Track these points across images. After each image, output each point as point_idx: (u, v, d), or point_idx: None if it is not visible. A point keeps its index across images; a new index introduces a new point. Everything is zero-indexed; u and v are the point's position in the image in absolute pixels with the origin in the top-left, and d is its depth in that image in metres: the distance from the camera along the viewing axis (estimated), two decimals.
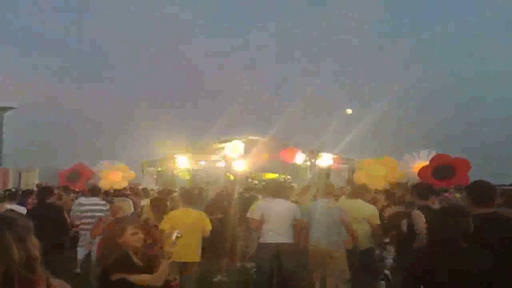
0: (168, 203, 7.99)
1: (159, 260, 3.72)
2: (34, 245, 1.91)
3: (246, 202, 9.37)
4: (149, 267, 3.64)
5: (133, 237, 3.60)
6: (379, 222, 7.28)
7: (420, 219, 5.33)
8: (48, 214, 7.12)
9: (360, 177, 17.44)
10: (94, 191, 10.41)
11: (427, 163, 15.52)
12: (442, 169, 14.31)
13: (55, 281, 1.98)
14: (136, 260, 3.59)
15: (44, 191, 8.02)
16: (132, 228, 3.65)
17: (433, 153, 16.99)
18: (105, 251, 3.56)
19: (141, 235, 3.74)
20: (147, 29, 53.00)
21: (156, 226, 5.77)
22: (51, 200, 7.72)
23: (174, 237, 3.87)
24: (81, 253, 9.26)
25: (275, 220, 6.99)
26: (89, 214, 9.01)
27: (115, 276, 3.39)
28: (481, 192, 3.68)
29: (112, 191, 13.53)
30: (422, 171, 15.10)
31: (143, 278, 3.51)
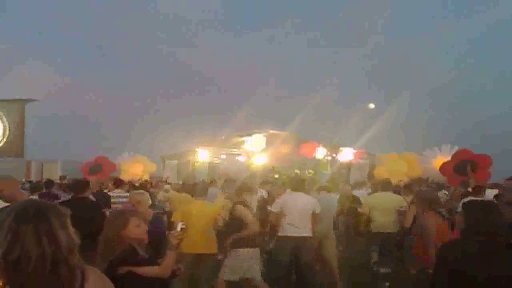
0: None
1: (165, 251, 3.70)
2: (73, 231, 2.00)
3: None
4: (154, 258, 3.63)
5: (137, 229, 3.54)
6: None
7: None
8: (85, 211, 5.79)
9: (382, 172, 17.41)
10: (118, 183, 10.23)
11: (449, 158, 15.41)
12: (463, 164, 14.15)
13: (90, 269, 2.06)
14: (141, 252, 3.58)
15: (80, 184, 6.89)
16: (136, 219, 3.58)
17: (455, 149, 16.88)
18: (108, 245, 3.53)
19: (144, 227, 3.67)
20: (168, 23, 53.02)
21: None
22: (86, 194, 6.74)
23: (178, 228, 3.83)
24: None
25: (294, 214, 7.01)
26: (116, 206, 9.01)
27: (122, 270, 3.36)
28: None
29: (137, 183, 13.60)
30: (443, 166, 14.99)
31: (150, 270, 3.47)
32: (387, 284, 7.71)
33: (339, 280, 7.65)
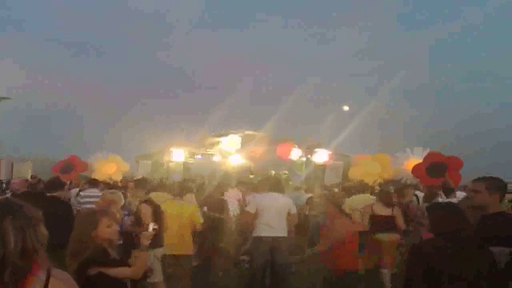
0: None
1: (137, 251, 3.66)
2: (39, 235, 1.95)
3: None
4: (125, 259, 3.60)
5: (108, 230, 3.51)
6: None
7: None
8: (57, 211, 5.92)
9: (356, 173, 17.55)
10: (93, 183, 10.26)
11: (421, 160, 15.58)
12: (435, 166, 14.33)
13: (57, 272, 2.01)
14: (112, 253, 3.54)
15: (55, 183, 6.95)
16: (107, 220, 3.54)
17: (427, 151, 17.09)
18: (78, 245, 3.44)
19: (116, 227, 3.65)
20: (142, 22, 52.70)
21: None
22: (58, 193, 6.73)
23: (150, 229, 3.80)
24: None
25: (270, 214, 7.01)
26: (88, 206, 8.90)
27: (92, 271, 3.33)
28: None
29: (112, 182, 13.45)
30: (415, 168, 15.15)
31: (122, 271, 3.45)
32: None
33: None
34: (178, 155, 20.52)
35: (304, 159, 20.63)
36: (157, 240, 5.91)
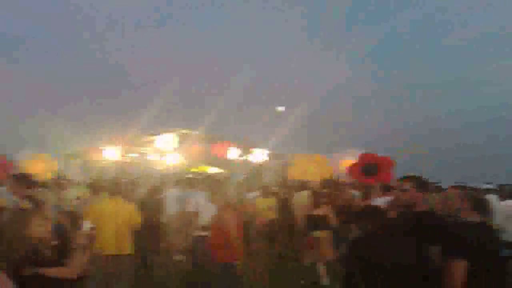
0: None
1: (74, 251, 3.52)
2: None
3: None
4: (61, 258, 3.44)
5: (40, 229, 3.41)
6: None
7: None
8: None
9: (294, 173, 17.69)
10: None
11: (355, 161, 15.94)
12: (368, 166, 14.73)
13: None
14: (46, 252, 3.41)
15: None
16: (38, 219, 3.45)
17: (362, 151, 17.50)
18: (10, 246, 3.27)
19: (48, 226, 3.56)
20: (72, 18, 51.48)
21: None
22: None
23: (87, 227, 3.68)
24: None
25: (209, 213, 6.86)
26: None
27: (26, 271, 3.18)
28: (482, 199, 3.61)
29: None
30: (351, 169, 15.47)
31: (59, 271, 3.37)
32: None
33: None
34: (111, 154, 19.96)
35: (241, 158, 20.69)
36: None
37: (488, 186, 20.63)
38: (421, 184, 3.99)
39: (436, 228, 3.53)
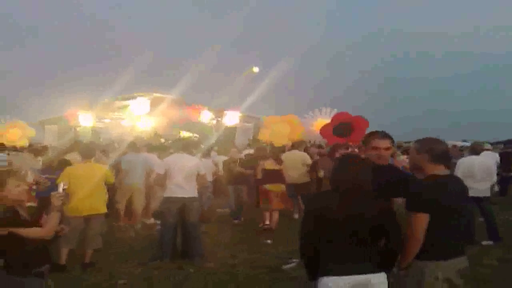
0: None
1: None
2: None
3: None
4: (37, 219, 3.59)
5: (16, 189, 3.48)
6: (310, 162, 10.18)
7: None
8: None
9: (265, 135, 17.89)
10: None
11: (329, 120, 16.10)
12: (341, 126, 14.88)
13: None
14: (22, 213, 3.52)
15: None
16: (14, 180, 3.51)
17: (335, 111, 17.74)
18: None
19: (25, 187, 3.64)
20: None
21: None
22: None
23: (60, 189, 3.80)
24: None
25: (179, 175, 7.08)
26: None
27: (2, 230, 3.30)
28: (443, 150, 3.52)
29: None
30: (323, 129, 15.63)
31: (33, 231, 3.44)
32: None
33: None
34: (86, 120, 19.92)
35: (214, 121, 20.74)
36: None
37: (465, 143, 20.98)
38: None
39: (398, 182, 3.65)
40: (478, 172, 8.00)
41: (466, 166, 8.10)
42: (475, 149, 8.45)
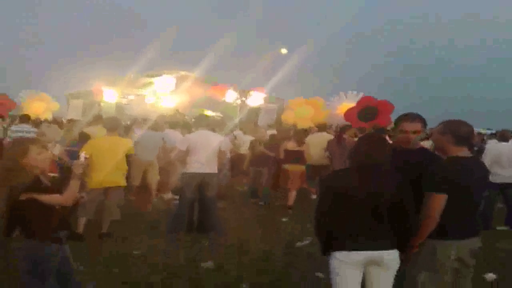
0: None
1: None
2: None
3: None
4: (59, 187, 3.62)
5: (38, 157, 3.51)
6: None
7: None
8: None
9: (289, 117, 17.84)
10: (24, 118, 10.59)
11: (354, 104, 16.00)
12: (366, 110, 14.79)
13: None
14: (44, 180, 3.56)
15: None
16: (36, 148, 3.53)
17: (361, 95, 17.58)
18: (8, 174, 3.44)
19: (47, 154, 3.67)
20: None
21: None
22: None
23: (82, 158, 3.83)
24: None
25: (201, 151, 7.09)
26: None
27: (24, 196, 3.34)
28: (466, 132, 3.49)
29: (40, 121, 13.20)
30: (348, 113, 15.56)
31: (53, 198, 3.48)
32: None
33: None
34: (110, 96, 20.04)
35: (239, 101, 20.71)
36: None
37: (488, 132, 20.66)
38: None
39: (419, 163, 3.62)
40: (506, 159, 7.88)
41: (494, 152, 8.02)
42: (505, 136, 8.30)
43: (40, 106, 18.77)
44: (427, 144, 9.78)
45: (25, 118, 10.61)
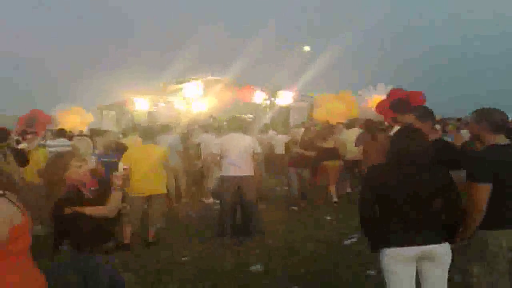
0: None
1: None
2: None
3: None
4: (100, 199, 3.68)
5: (78, 170, 3.59)
6: None
7: None
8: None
9: (321, 114, 17.71)
10: (61, 133, 10.74)
11: (384, 97, 15.81)
12: (398, 102, 14.58)
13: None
14: (86, 192, 3.63)
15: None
16: (76, 161, 3.62)
17: (390, 87, 17.35)
18: (52, 188, 3.52)
19: (86, 167, 3.74)
20: None
21: None
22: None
23: (120, 169, 3.89)
24: None
25: (235, 154, 7.12)
26: None
27: (67, 210, 3.42)
28: (501, 119, 3.41)
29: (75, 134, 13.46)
30: (379, 105, 15.38)
31: (97, 209, 3.55)
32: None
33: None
34: (141, 104, 20.33)
35: (268, 102, 20.70)
36: None
37: None
38: (428, 113, 3.98)
39: (460, 154, 3.56)
40: None
41: None
42: None
43: (74, 119, 19.09)
44: (463, 133, 9.61)
45: (62, 133, 10.79)
